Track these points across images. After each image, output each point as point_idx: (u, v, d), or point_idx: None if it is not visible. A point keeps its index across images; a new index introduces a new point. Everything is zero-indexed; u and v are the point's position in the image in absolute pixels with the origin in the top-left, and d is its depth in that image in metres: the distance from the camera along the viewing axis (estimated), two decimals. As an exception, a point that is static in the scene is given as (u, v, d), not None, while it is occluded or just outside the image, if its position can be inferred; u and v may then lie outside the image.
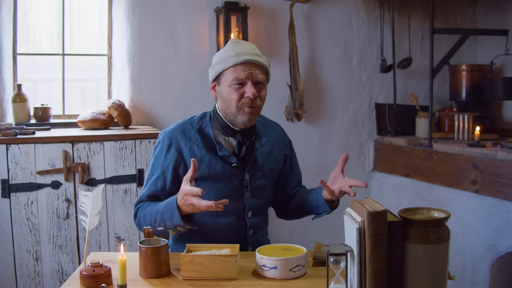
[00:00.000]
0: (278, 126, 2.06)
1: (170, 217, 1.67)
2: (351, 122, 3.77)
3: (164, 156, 1.83)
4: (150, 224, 1.74)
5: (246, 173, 1.86)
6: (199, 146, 1.83)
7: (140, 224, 1.82)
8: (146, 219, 1.77)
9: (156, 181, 1.83)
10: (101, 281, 1.47)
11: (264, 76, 1.81)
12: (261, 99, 1.81)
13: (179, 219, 1.65)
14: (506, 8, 3.64)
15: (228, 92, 1.79)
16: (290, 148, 2.06)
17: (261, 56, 1.81)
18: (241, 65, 1.76)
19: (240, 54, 1.76)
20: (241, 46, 1.80)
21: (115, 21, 3.27)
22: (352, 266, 1.28)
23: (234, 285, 1.50)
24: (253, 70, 1.77)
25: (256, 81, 1.78)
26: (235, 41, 1.84)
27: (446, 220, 1.27)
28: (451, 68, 3.68)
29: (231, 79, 1.77)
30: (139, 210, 1.83)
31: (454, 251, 1.82)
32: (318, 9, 3.61)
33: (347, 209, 1.37)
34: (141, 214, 1.80)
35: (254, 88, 1.76)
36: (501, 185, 2.72)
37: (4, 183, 2.58)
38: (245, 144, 1.85)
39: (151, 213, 1.76)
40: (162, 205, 1.73)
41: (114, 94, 3.32)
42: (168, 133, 1.87)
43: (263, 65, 1.80)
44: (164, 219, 1.69)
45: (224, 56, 1.80)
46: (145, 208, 1.80)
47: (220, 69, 1.80)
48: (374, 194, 3.73)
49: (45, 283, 2.67)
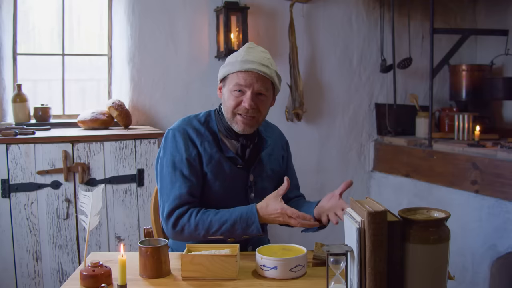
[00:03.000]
0: (276, 127, 2.07)
1: (245, 227, 1.70)
2: (351, 122, 3.77)
3: (186, 151, 1.79)
4: (205, 232, 1.71)
5: (251, 174, 1.86)
6: (210, 143, 1.82)
7: (183, 232, 1.73)
8: (200, 228, 1.71)
9: (190, 176, 1.77)
10: (101, 281, 1.46)
11: (267, 88, 1.78)
12: (259, 111, 1.78)
13: (259, 229, 1.69)
14: (506, 8, 3.64)
15: (228, 97, 1.79)
16: (287, 149, 2.06)
17: (270, 67, 1.77)
18: (245, 73, 1.74)
19: (247, 61, 1.74)
20: (251, 54, 1.77)
21: (115, 21, 3.27)
22: (352, 266, 1.28)
23: (234, 285, 1.50)
24: (254, 81, 1.74)
25: (256, 91, 1.76)
26: (249, 46, 1.82)
27: (446, 220, 1.27)
28: (451, 68, 3.68)
29: (233, 84, 1.77)
30: (183, 218, 1.73)
31: (454, 251, 1.82)
32: (318, 9, 3.61)
33: (347, 209, 1.37)
34: (192, 222, 1.72)
35: (252, 99, 1.75)
36: (501, 185, 2.72)
37: (4, 183, 2.58)
38: (249, 147, 1.85)
39: (211, 222, 1.71)
40: (233, 215, 1.71)
41: (114, 94, 3.32)
42: (177, 129, 1.83)
43: (269, 77, 1.77)
44: (236, 228, 1.70)
45: (233, 60, 1.78)
46: (197, 216, 1.73)
47: (226, 72, 1.80)
48: (374, 194, 3.73)
49: (45, 283, 2.67)
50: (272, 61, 1.81)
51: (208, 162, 1.80)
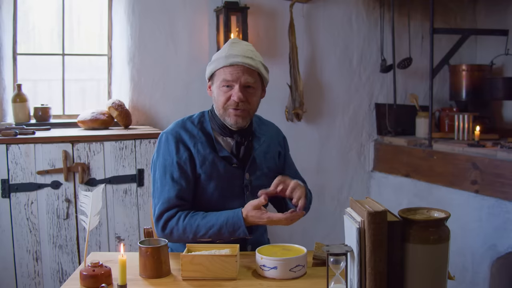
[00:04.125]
0: (273, 124, 2.07)
1: (232, 231, 1.71)
2: (351, 122, 3.77)
3: (176, 154, 1.81)
4: (193, 236, 1.73)
5: (246, 172, 1.86)
6: (203, 144, 1.83)
7: (172, 235, 1.75)
8: (188, 231, 1.73)
9: (179, 180, 1.79)
10: (101, 281, 1.47)
11: (255, 79, 1.79)
12: (249, 103, 1.79)
13: (246, 233, 1.70)
14: (506, 8, 3.64)
15: (217, 93, 1.81)
16: (284, 145, 2.06)
17: (255, 58, 1.79)
18: (230, 67, 1.76)
19: (231, 56, 1.76)
20: (235, 48, 1.79)
21: (115, 21, 3.26)
22: (352, 266, 1.28)
23: (234, 285, 1.50)
24: (241, 74, 1.76)
25: (244, 84, 1.77)
26: (232, 41, 1.84)
27: (446, 220, 1.27)
28: (451, 68, 3.68)
29: (220, 80, 1.78)
30: (171, 221, 1.75)
31: (454, 251, 1.81)
32: (318, 9, 3.61)
33: (347, 209, 1.37)
34: (180, 226, 1.74)
35: (241, 92, 1.76)
36: (501, 185, 2.72)
37: (4, 183, 2.58)
38: (243, 144, 1.85)
39: (198, 226, 1.73)
40: (219, 220, 1.72)
41: (114, 94, 3.32)
42: (170, 132, 1.85)
43: (254, 68, 1.78)
44: (222, 232, 1.71)
45: (218, 56, 1.81)
46: (184, 220, 1.74)
47: (212, 69, 1.81)
48: (374, 194, 3.73)
49: (45, 283, 2.67)
50: (257, 53, 1.83)
51: (202, 164, 1.81)
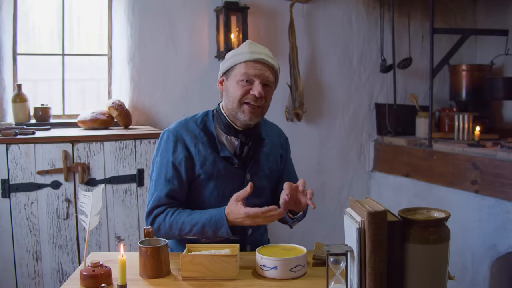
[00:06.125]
0: (276, 126, 2.08)
1: (215, 230, 1.71)
2: (351, 122, 3.77)
3: (173, 154, 1.82)
4: (179, 232, 1.74)
5: (247, 173, 1.86)
6: (204, 144, 1.83)
7: (160, 230, 1.78)
8: (174, 228, 1.75)
9: (172, 179, 1.81)
10: (101, 281, 1.47)
11: (273, 79, 1.83)
12: (266, 100, 1.81)
13: (228, 232, 1.69)
14: (506, 8, 3.64)
15: (234, 88, 1.80)
16: (286, 147, 2.06)
17: (274, 60, 1.84)
18: (253, 63, 1.78)
19: (254, 52, 1.79)
20: (256, 46, 1.83)
21: (115, 21, 3.26)
22: (352, 266, 1.28)
23: (234, 285, 1.50)
24: (264, 70, 1.78)
25: (265, 81, 1.79)
26: (251, 42, 1.87)
27: (446, 220, 1.27)
28: (451, 68, 3.68)
29: (241, 73, 1.78)
30: (159, 217, 1.78)
31: (454, 251, 1.81)
32: (318, 9, 3.61)
33: (347, 209, 1.37)
34: (167, 222, 1.76)
35: (262, 87, 1.78)
36: (501, 185, 2.72)
37: (4, 183, 2.58)
38: (247, 144, 1.85)
39: (183, 223, 1.74)
40: (203, 217, 1.73)
41: (114, 94, 3.32)
42: (172, 131, 1.86)
43: (274, 68, 1.82)
44: (206, 231, 1.72)
45: (238, 52, 1.82)
46: (171, 216, 1.76)
47: (232, 63, 1.81)
48: (374, 194, 3.73)
49: (45, 283, 2.67)
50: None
51: (203, 164, 1.82)
